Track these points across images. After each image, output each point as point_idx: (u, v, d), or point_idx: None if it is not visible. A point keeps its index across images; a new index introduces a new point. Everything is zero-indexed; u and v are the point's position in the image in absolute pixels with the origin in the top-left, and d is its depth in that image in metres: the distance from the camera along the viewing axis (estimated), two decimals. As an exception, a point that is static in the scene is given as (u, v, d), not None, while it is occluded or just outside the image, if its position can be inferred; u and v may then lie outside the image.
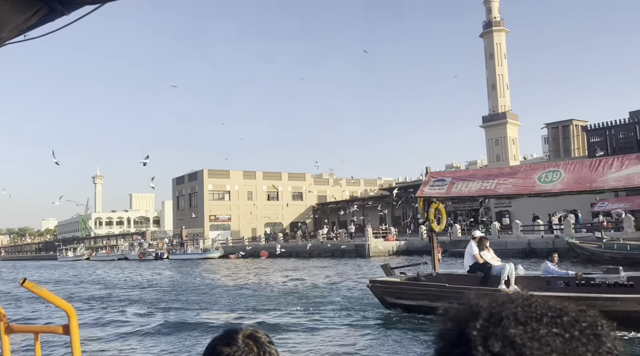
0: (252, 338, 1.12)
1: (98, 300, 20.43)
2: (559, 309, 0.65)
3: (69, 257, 76.55)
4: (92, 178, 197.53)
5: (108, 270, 42.17)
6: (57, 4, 1.61)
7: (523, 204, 43.26)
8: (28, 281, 1.96)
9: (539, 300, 0.67)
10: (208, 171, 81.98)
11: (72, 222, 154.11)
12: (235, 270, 33.42)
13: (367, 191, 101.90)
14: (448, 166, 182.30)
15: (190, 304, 17.23)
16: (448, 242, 38.51)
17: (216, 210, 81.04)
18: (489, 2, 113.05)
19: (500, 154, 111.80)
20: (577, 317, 0.64)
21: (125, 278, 31.74)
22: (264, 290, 20.39)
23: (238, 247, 54.77)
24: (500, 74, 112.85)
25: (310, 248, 45.35)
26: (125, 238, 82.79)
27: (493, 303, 0.67)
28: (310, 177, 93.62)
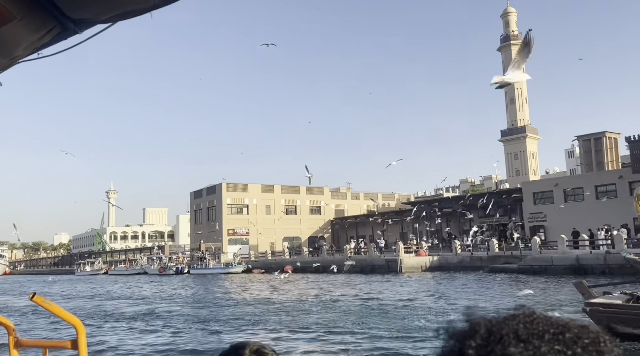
0: (258, 353, 1.11)
1: (140, 316, 19.41)
2: (562, 326, 0.65)
3: (87, 271, 75.79)
4: (105, 192, 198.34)
5: (134, 285, 41.19)
6: (70, 23, 1.66)
7: (559, 219, 41.85)
8: (37, 295, 1.96)
9: (541, 317, 0.66)
10: (227, 184, 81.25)
11: (86, 236, 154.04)
12: (271, 285, 32.16)
13: (384, 205, 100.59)
14: (462, 180, 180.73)
15: (251, 324, 15.99)
16: (485, 257, 37.05)
17: (234, 224, 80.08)
18: (507, 16, 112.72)
19: (519, 168, 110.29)
20: (579, 334, 0.64)
21: (157, 293, 30.71)
22: (337, 308, 18.89)
23: (260, 262, 53.61)
24: (519, 88, 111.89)
25: (337, 263, 44.05)
26: (142, 252, 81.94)
27: (493, 320, 0.66)
28: (328, 191, 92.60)
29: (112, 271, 69.59)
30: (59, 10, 1.62)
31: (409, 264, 39.28)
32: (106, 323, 18.08)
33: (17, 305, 25.81)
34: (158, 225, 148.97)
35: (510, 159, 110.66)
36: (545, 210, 43.91)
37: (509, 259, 35.20)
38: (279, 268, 49.59)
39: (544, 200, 44.34)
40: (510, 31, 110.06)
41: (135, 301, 26.60)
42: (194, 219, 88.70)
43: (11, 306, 25.69)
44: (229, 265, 54.62)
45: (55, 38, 1.75)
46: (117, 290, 35.42)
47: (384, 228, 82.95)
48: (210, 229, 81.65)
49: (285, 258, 50.49)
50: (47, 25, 1.67)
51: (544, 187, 44.74)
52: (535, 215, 44.64)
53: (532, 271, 30.64)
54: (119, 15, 1.68)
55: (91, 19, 1.71)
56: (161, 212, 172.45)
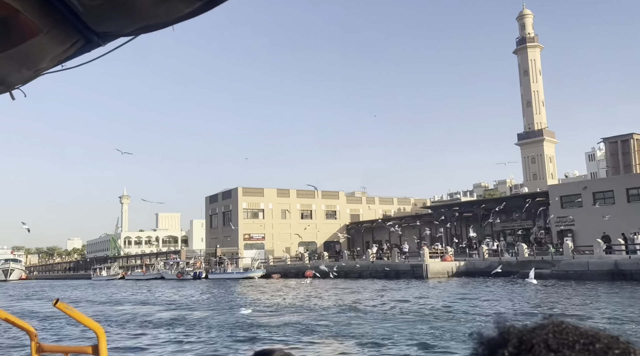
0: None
1: (169, 323, 18.78)
2: (591, 336, 0.64)
3: (103, 276, 75.60)
4: (118, 197, 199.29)
5: (156, 290, 40.66)
6: (94, 36, 1.72)
7: (588, 223, 40.71)
8: (60, 301, 2.02)
9: (570, 327, 0.66)
10: (242, 189, 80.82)
11: (100, 241, 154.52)
12: (299, 291, 31.39)
13: (400, 209, 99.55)
14: (476, 185, 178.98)
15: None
16: (515, 263, 36.09)
17: (250, 229, 79.54)
18: (523, 18, 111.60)
19: (537, 172, 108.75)
20: (609, 344, 0.63)
21: (180, 299, 30.11)
22: (393, 316, 17.90)
23: (279, 266, 52.87)
24: (536, 91, 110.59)
25: (358, 268, 43.27)
26: (159, 257, 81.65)
27: (524, 329, 0.66)
28: (343, 195, 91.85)
29: (129, 276, 69.26)
30: (84, 24, 1.66)
31: (435, 270, 38.35)
32: (130, 329, 17.52)
33: (39, 310, 25.53)
34: (172, 230, 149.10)
35: (527, 162, 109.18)
36: (573, 214, 42.75)
37: (540, 265, 34.16)
38: (298, 273, 48.93)
39: (572, 204, 43.18)
40: (526, 34, 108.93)
41: (161, 306, 26.02)
42: (210, 224, 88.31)
43: (33, 312, 25.49)
44: (247, 270, 53.96)
45: (79, 50, 1.79)
46: (139, 296, 34.89)
47: (401, 233, 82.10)
48: (226, 234, 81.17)
49: (306, 263, 49.68)
50: (72, 38, 1.72)
51: (572, 190, 43.61)
52: (563, 219, 43.47)
53: (567, 276, 29.62)
54: (143, 28, 1.72)
55: (115, 32, 1.75)
56: (174, 217, 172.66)
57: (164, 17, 1.63)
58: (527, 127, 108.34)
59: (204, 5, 1.55)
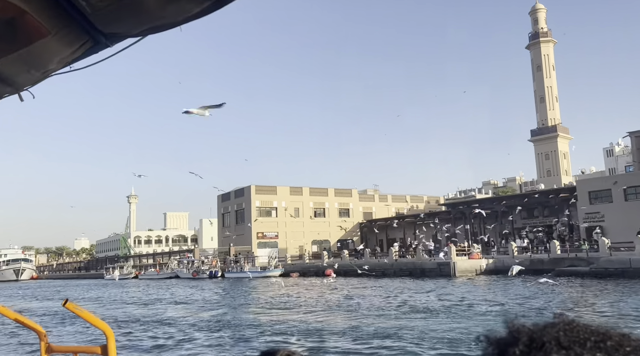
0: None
1: (199, 324, 17.78)
2: (602, 333, 0.64)
3: (116, 276, 74.84)
4: (126, 197, 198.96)
5: (175, 290, 39.75)
6: (101, 37, 1.74)
7: (619, 218, 39.41)
8: (70, 302, 2.05)
9: (581, 324, 0.66)
10: (255, 187, 79.92)
11: (109, 241, 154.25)
12: (332, 290, 30.21)
13: (413, 207, 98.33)
14: (485, 182, 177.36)
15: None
16: (547, 260, 34.85)
17: (263, 227, 78.65)
18: (535, 13, 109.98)
19: (551, 169, 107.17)
20: (621, 342, 0.63)
21: (204, 298, 29.13)
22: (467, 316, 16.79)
23: (298, 265, 51.85)
24: (549, 86, 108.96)
25: (381, 267, 42.18)
26: (172, 256, 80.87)
27: (534, 327, 0.66)
28: (356, 193, 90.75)
29: (143, 276, 68.50)
30: (92, 25, 1.67)
31: (463, 268, 37.23)
32: (150, 329, 16.68)
33: (49, 310, 25.23)
34: (181, 229, 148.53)
35: (541, 159, 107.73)
36: (603, 210, 41.47)
37: (575, 262, 33.00)
38: (318, 272, 47.90)
39: (601, 199, 41.92)
40: (539, 28, 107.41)
41: (185, 306, 25.08)
42: (222, 223, 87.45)
43: (44, 311, 25.29)
44: (265, 269, 53.00)
45: (87, 52, 1.79)
46: (163, 295, 33.98)
47: (416, 231, 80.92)
48: (239, 232, 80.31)
49: (326, 261, 48.64)
50: (80, 39, 1.72)
51: (602, 185, 42.35)
52: (592, 215, 42.19)
53: (607, 274, 28.44)
54: (150, 29, 1.73)
55: (123, 33, 1.76)
56: (182, 216, 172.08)
57: (172, 17, 1.61)
58: (540, 123, 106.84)
59: (212, 5, 1.53)
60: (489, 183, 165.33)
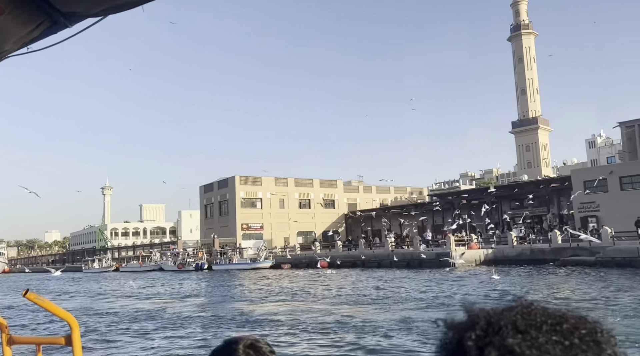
0: (253, 348, 1.10)
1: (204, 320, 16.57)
2: (559, 316, 0.65)
3: (95, 268, 72.45)
4: (100, 188, 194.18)
5: (168, 283, 38.16)
6: (60, 17, 1.66)
7: (614, 208, 39.41)
8: (31, 292, 2.02)
9: (539, 308, 0.66)
10: (240, 177, 78.27)
11: (84, 233, 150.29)
12: (341, 282, 29.11)
13: (397, 198, 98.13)
14: (462, 174, 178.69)
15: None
16: (548, 250, 34.52)
17: (248, 218, 77.20)
18: (517, 5, 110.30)
19: (531, 160, 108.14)
20: (576, 324, 0.64)
21: (203, 291, 27.78)
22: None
23: (289, 256, 50.63)
24: (530, 78, 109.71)
25: (377, 258, 41.39)
26: (153, 248, 78.70)
27: (492, 311, 0.66)
28: (341, 184, 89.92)
29: (124, 268, 66.35)
30: (49, 3, 1.61)
31: (462, 258, 36.67)
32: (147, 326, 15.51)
33: (16, 303, 23.98)
34: (158, 221, 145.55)
35: (521, 151, 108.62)
36: (598, 199, 41.48)
37: (577, 252, 32.75)
38: (310, 263, 46.88)
39: (597, 189, 41.90)
40: (520, 20, 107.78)
41: (180, 299, 23.78)
42: (205, 214, 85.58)
43: (10, 304, 24.41)
44: (255, 260, 51.72)
45: (45, 32, 1.72)
46: (157, 289, 32.45)
47: (403, 222, 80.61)
48: (222, 223, 78.67)
49: (317, 252, 47.59)
50: (37, 19, 1.65)
51: (597, 175, 42.32)
52: (587, 205, 42.17)
53: (615, 264, 28.19)
54: (110, 8, 1.66)
55: (82, 12, 1.69)
56: (158, 208, 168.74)
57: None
58: (521, 115, 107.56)
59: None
60: (466, 175, 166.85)
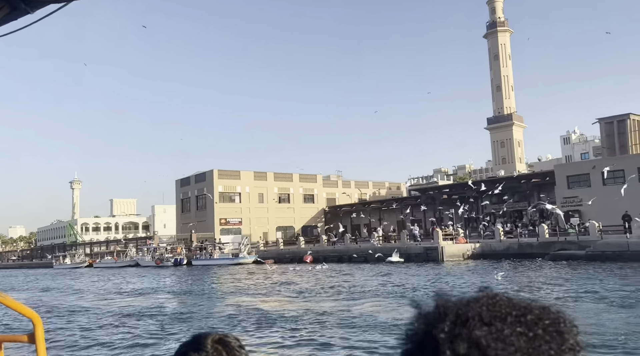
0: (221, 342, 1.09)
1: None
2: (523, 307, 0.66)
3: (67, 264, 70.04)
4: (69, 182, 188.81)
5: (152, 279, 36.87)
6: (20, 3, 1.59)
7: (597, 203, 39.90)
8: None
9: (504, 299, 0.68)
10: (218, 171, 76.86)
11: (52, 228, 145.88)
12: (344, 277, 28.43)
13: (375, 193, 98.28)
14: (436, 170, 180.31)
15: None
16: (536, 244, 34.69)
17: (226, 213, 75.94)
18: (493, 2, 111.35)
19: (506, 156, 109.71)
20: (540, 315, 0.65)
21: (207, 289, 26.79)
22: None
23: (273, 252, 49.85)
24: (505, 75, 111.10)
25: (363, 252, 40.98)
26: (128, 242, 76.59)
27: (459, 303, 0.67)
28: (321, 178, 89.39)
29: (98, 264, 64.30)
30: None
31: (451, 252, 36.62)
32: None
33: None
34: (132, 216, 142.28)
35: (496, 147, 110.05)
36: (582, 194, 42.02)
37: (565, 246, 33.00)
38: (294, 258, 46.20)
39: (580, 183, 42.46)
40: (496, 17, 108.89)
41: (162, 296, 22.78)
42: (181, 209, 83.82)
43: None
44: (237, 256, 50.67)
45: (5, 18, 1.64)
46: (136, 285, 31.22)
47: (382, 217, 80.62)
48: (200, 218, 77.19)
49: (302, 248, 46.87)
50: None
51: (580, 170, 42.91)
52: (570, 199, 42.69)
53: (605, 257, 28.42)
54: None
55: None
56: (130, 203, 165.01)
57: None
58: (496, 111, 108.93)
59: None
60: (440, 171, 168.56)
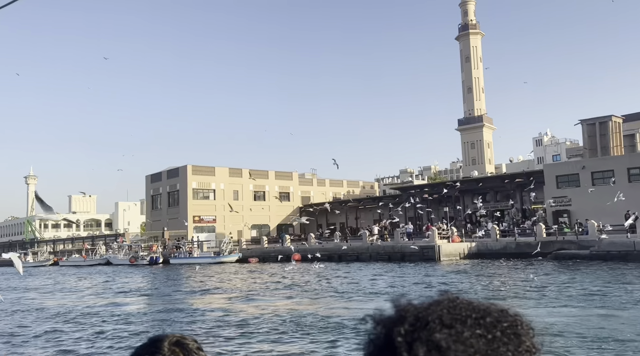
0: (179, 345, 1.05)
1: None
2: (483, 310, 0.68)
3: (29, 262, 65.82)
4: (24, 177, 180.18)
5: (133, 279, 34.56)
6: None
7: (586, 203, 40.21)
8: None
9: (465, 302, 0.69)
10: (192, 167, 74.23)
11: (6, 225, 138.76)
12: (354, 278, 27.07)
13: (349, 192, 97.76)
14: (402, 171, 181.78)
15: None
16: (534, 243, 34.41)
17: (200, 210, 73.42)
18: (465, 5, 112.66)
19: (476, 157, 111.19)
20: (499, 317, 0.67)
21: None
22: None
23: (257, 250, 48.09)
24: (477, 77, 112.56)
25: (355, 251, 39.93)
26: (95, 240, 72.96)
27: (420, 306, 0.68)
28: (296, 176, 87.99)
29: (65, 262, 60.72)
30: None
31: (447, 252, 35.97)
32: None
33: None
34: (92, 213, 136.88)
35: (467, 148, 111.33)
36: (570, 194, 42.28)
37: (565, 245, 32.87)
38: (280, 256, 44.64)
39: (569, 183, 42.72)
40: (468, 20, 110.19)
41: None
42: (151, 205, 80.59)
43: None
44: (218, 254, 48.63)
45: None
46: (117, 285, 29.01)
47: (358, 215, 79.99)
48: (171, 215, 74.35)
49: (287, 246, 45.33)
50: None
51: (569, 170, 43.16)
52: (559, 199, 42.89)
53: (610, 257, 28.31)
54: None
55: None
56: (89, 200, 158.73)
57: None
58: (467, 113, 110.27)
59: None
60: (405, 171, 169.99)
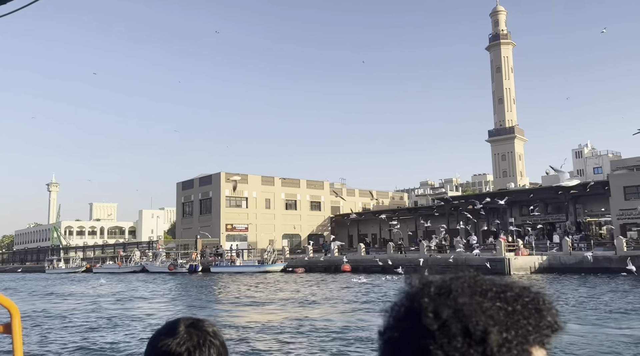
0: (194, 326, 1.09)
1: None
2: (504, 285, 0.70)
3: (62, 269, 64.87)
4: (46, 185, 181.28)
5: (177, 289, 32.89)
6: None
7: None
8: None
9: (485, 278, 0.71)
10: (225, 174, 72.85)
11: (30, 232, 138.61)
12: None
13: (379, 202, 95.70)
14: (422, 183, 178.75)
15: None
16: (616, 258, 32.07)
17: (233, 218, 71.90)
18: (496, 15, 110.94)
19: (507, 169, 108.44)
20: (520, 293, 0.68)
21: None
22: None
23: (299, 259, 46.25)
24: (508, 88, 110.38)
25: (413, 263, 37.91)
26: (128, 247, 71.75)
27: (442, 278, 0.71)
28: (328, 185, 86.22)
29: (98, 269, 59.44)
30: None
31: (517, 266, 33.75)
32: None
33: None
34: (117, 220, 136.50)
35: (497, 160, 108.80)
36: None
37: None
38: (329, 267, 42.86)
39: (638, 195, 40.34)
40: (499, 30, 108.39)
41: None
42: (182, 213, 79.30)
43: None
44: (262, 263, 46.93)
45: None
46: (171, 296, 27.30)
47: (395, 226, 77.78)
48: (204, 223, 72.94)
49: (336, 256, 43.44)
50: None
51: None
52: (628, 212, 40.49)
53: None
54: None
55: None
56: (110, 207, 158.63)
57: None
58: (498, 124, 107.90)
59: None
60: (426, 183, 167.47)
